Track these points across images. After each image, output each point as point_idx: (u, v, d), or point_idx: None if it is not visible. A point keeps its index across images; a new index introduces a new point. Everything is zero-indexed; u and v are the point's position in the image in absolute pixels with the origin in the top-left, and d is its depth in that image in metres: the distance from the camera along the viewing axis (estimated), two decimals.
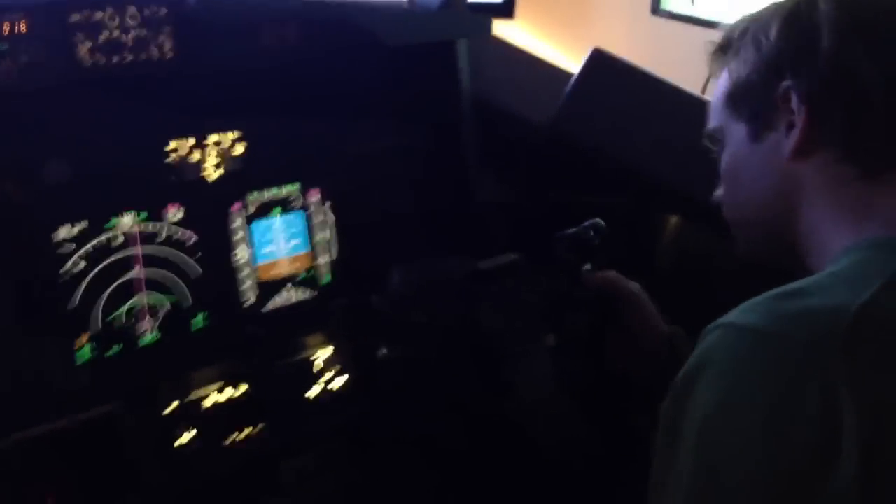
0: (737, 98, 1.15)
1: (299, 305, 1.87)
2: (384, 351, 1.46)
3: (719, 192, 1.24)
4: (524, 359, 1.44)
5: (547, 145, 1.81)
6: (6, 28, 1.35)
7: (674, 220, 1.90)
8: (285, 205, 1.83)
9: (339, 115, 1.83)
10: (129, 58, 1.48)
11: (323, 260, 1.89)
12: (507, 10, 2.70)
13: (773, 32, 1.08)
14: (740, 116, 1.15)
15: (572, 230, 1.55)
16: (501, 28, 2.61)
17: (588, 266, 1.56)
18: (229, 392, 1.75)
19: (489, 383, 1.45)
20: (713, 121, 1.23)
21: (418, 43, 1.74)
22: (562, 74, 1.91)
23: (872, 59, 1.01)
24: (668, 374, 0.98)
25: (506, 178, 1.88)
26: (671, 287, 1.82)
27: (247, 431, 1.74)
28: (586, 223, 1.55)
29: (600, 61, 1.82)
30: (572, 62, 1.93)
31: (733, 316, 0.94)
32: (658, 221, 1.85)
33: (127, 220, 1.64)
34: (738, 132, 1.16)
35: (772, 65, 1.08)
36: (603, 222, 1.56)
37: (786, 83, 1.06)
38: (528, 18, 2.85)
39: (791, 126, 1.07)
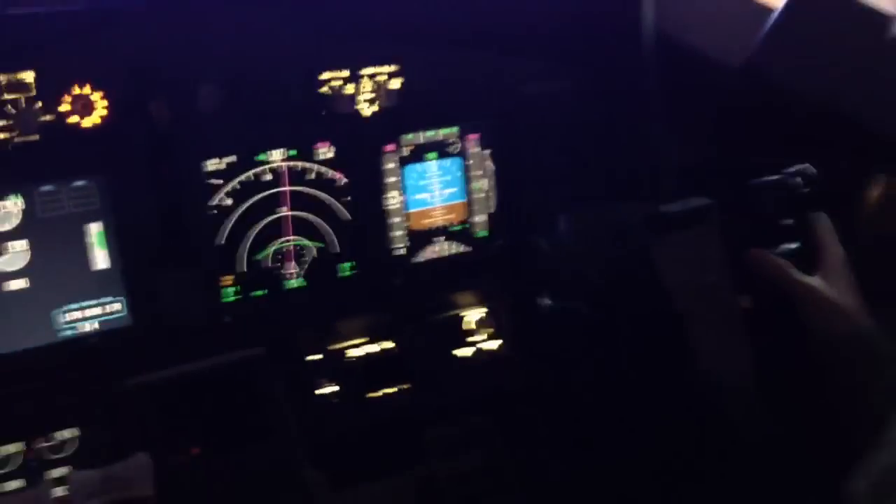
0: None
1: (452, 259, 1.75)
2: (547, 302, 1.29)
3: None
4: (712, 323, 1.22)
5: (741, 87, 1.58)
6: None
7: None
8: (442, 149, 1.70)
9: (504, 52, 1.69)
10: None
11: (480, 211, 1.75)
12: None
13: None
14: None
15: (774, 177, 1.32)
16: None
17: (790, 221, 1.32)
18: (373, 346, 1.66)
19: (669, 351, 1.24)
20: None
21: None
22: (758, 9, 1.68)
23: None
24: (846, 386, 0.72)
25: (692, 127, 1.67)
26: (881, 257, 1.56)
27: (390, 389, 1.65)
28: (791, 168, 1.32)
29: None
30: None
31: None
32: (872, 179, 1.58)
33: (276, 156, 1.56)
34: None
35: None
36: (813, 168, 1.32)
37: None
38: None
39: None
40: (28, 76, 1.36)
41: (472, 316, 1.73)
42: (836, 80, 1.52)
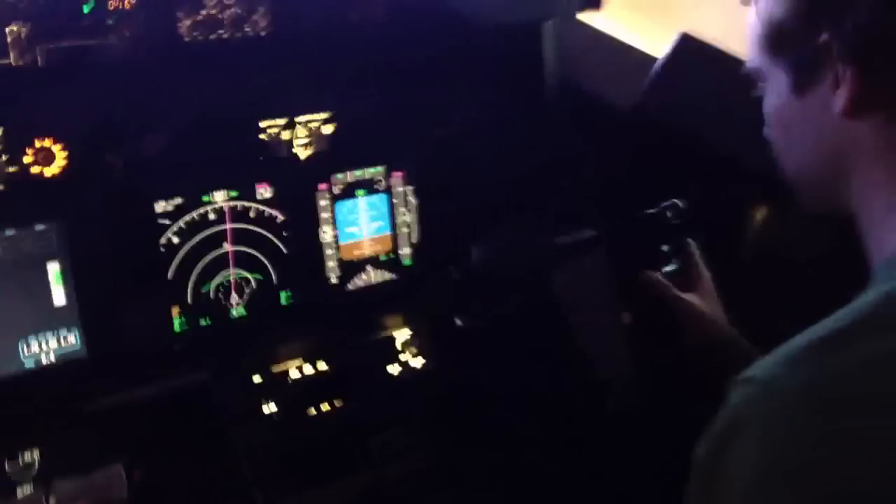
0: (773, 43, 0.99)
1: (381, 286, 1.91)
2: (459, 322, 1.48)
3: (768, 131, 1.11)
4: (598, 333, 1.44)
5: (631, 127, 1.81)
6: (113, 3, 1.43)
7: (762, 207, 1.88)
8: (370, 186, 1.87)
9: (426, 98, 1.86)
10: (227, 34, 1.55)
11: (404, 242, 1.92)
12: (594, 1, 2.72)
13: None
14: (779, 63, 1.00)
15: (651, 210, 1.55)
16: (589, 19, 2.62)
17: (666, 247, 1.55)
18: (312, 367, 1.80)
19: (564, 355, 1.45)
20: (752, 59, 1.06)
21: (504, 24, 1.76)
22: (648, 59, 1.91)
23: None
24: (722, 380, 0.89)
25: (590, 159, 1.88)
26: (752, 274, 1.80)
27: (329, 404, 1.79)
28: (665, 203, 1.55)
29: (688, 44, 1.82)
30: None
31: (771, 368, 0.83)
32: (745, 207, 1.82)
33: (219, 197, 1.70)
34: (779, 79, 1.01)
35: (808, 11, 0.93)
36: (682, 203, 1.55)
37: (825, 36, 0.90)
38: (616, 9, 2.83)
39: (836, 84, 0.91)
40: None
41: (400, 336, 1.89)
42: (709, 121, 1.76)
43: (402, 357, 1.87)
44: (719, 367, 1.34)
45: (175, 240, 1.67)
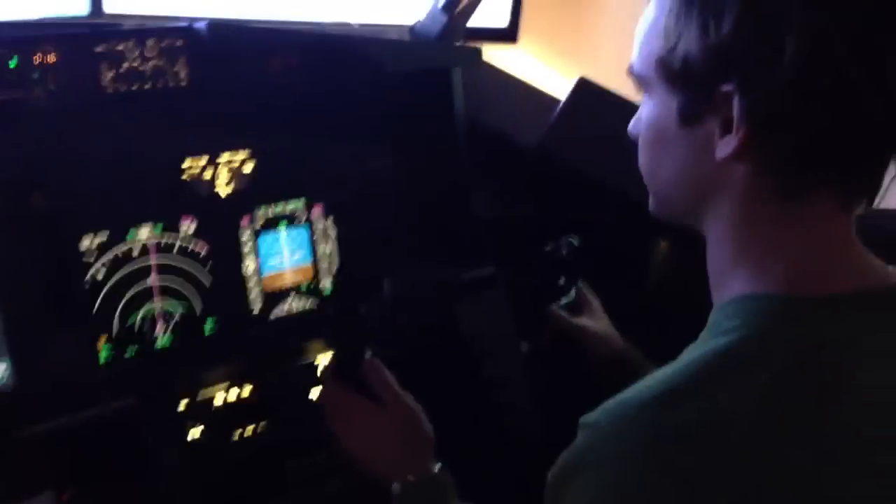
0: (672, 70, 0.97)
1: (302, 314, 2.01)
2: (369, 353, 1.59)
3: (633, 128, 1.13)
4: (497, 361, 1.57)
5: (533, 165, 1.95)
6: (37, 59, 1.51)
7: (657, 240, 2.04)
8: (290, 219, 1.98)
9: (341, 136, 1.98)
10: (148, 85, 1.64)
11: (325, 272, 2.03)
12: (511, 35, 2.86)
13: (727, 17, 0.89)
14: (670, 88, 0.99)
15: (548, 247, 1.70)
16: (505, 52, 2.77)
17: (562, 280, 1.70)
18: (236, 392, 1.88)
19: (466, 381, 1.58)
20: (639, 64, 1.04)
21: (414, 70, 1.88)
22: (551, 100, 2.06)
23: (844, 68, 0.86)
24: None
25: (496, 196, 2.02)
26: (651, 301, 1.96)
27: (252, 428, 1.88)
28: (560, 240, 1.70)
29: (585, 89, 1.97)
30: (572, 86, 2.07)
31: (609, 420, 0.92)
32: (637, 240, 1.98)
33: (144, 232, 1.79)
34: (665, 101, 1.01)
35: (718, 57, 0.92)
36: (576, 240, 1.70)
37: (728, 87, 0.92)
38: (532, 43, 2.98)
39: (726, 129, 0.94)
40: None
41: (322, 362, 1.99)
42: (604, 162, 1.91)
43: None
44: (619, 380, 1.49)
45: (100, 275, 1.75)
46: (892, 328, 0.96)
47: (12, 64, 1.50)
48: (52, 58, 1.53)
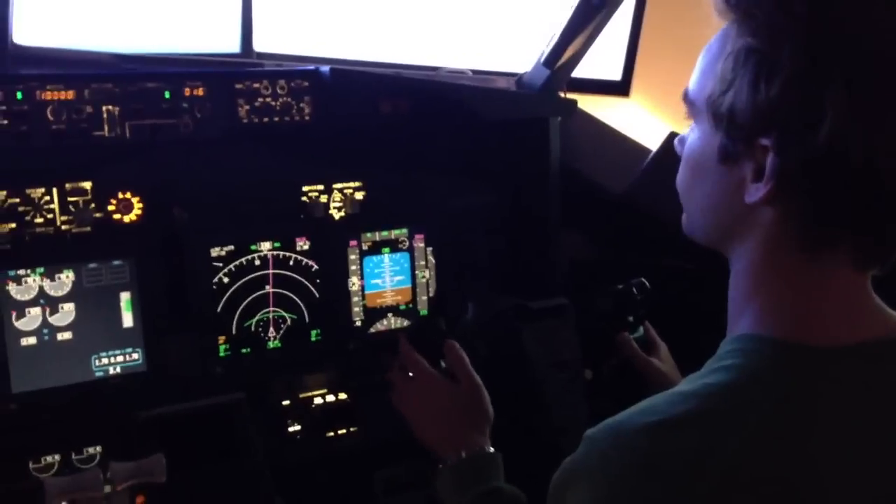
0: (717, 111, 1.03)
1: (399, 331, 2.20)
2: (444, 365, 1.75)
3: (678, 146, 1.18)
4: (558, 385, 1.71)
5: (618, 211, 2.09)
6: (187, 91, 1.80)
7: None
8: (394, 245, 2.19)
9: (444, 173, 2.18)
10: (277, 119, 1.90)
11: (421, 295, 2.23)
12: (623, 88, 2.98)
13: (777, 80, 0.95)
14: (715, 127, 1.04)
15: (620, 285, 1.83)
16: (617, 104, 2.90)
17: (631, 318, 1.83)
18: (333, 397, 2.10)
19: (528, 401, 1.72)
20: (693, 95, 1.10)
21: (514, 119, 2.07)
22: (643, 151, 2.19)
23: (874, 155, 0.93)
24: None
25: (580, 236, 2.17)
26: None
27: (345, 431, 2.08)
28: (633, 280, 1.82)
29: (674, 144, 2.09)
30: None
31: (607, 437, 0.98)
32: (711, 293, 2.06)
33: (265, 246, 2.04)
34: (708, 137, 1.06)
35: (762, 113, 0.97)
36: (647, 282, 1.82)
37: (766, 142, 0.98)
38: (644, 96, 3.08)
39: (758, 176, 1.00)
40: (87, 185, 1.86)
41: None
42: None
43: None
44: None
45: (225, 280, 2.00)
46: (892, 379, 0.99)
47: (167, 95, 1.80)
48: (199, 91, 1.81)
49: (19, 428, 1.76)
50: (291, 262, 2.07)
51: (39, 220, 1.83)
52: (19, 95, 1.71)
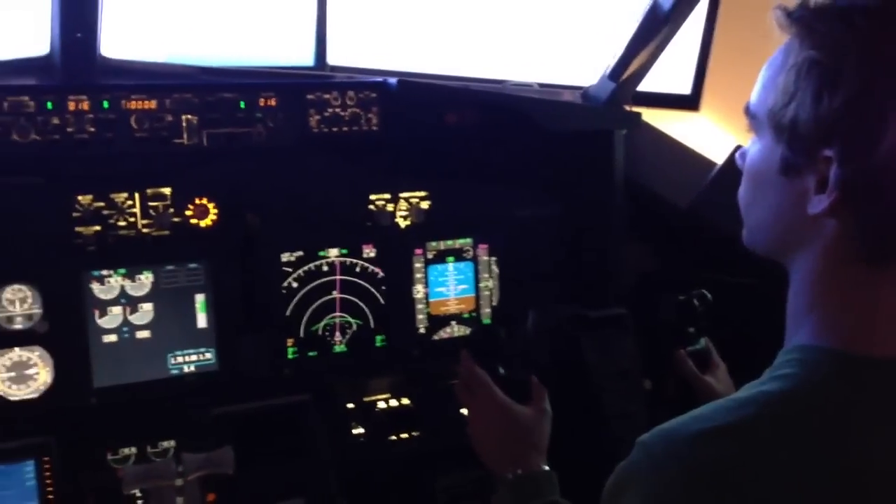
0: (779, 123, 1.03)
1: (462, 339, 2.23)
2: (502, 371, 1.77)
3: (739, 160, 1.18)
4: (618, 394, 1.72)
5: (684, 226, 2.09)
6: (261, 102, 1.89)
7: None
8: (458, 254, 2.23)
9: (508, 185, 2.22)
10: (346, 129, 1.97)
11: (485, 303, 2.26)
12: (693, 102, 2.97)
13: (840, 93, 0.96)
14: (777, 139, 1.05)
15: (682, 296, 1.83)
16: (688, 119, 2.88)
17: (692, 329, 1.82)
18: (396, 401, 2.14)
19: (587, 410, 1.73)
20: (754, 107, 1.10)
21: (579, 130, 2.10)
22: (707, 164, 2.19)
23: None
24: None
25: (643, 248, 2.17)
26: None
27: (407, 436, 2.12)
28: (695, 292, 1.82)
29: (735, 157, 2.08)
30: None
31: (661, 443, 0.99)
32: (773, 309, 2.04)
33: (333, 253, 2.10)
34: (770, 149, 1.07)
35: (825, 125, 0.98)
36: (709, 294, 1.81)
37: (829, 153, 0.98)
38: (714, 110, 3.06)
39: (821, 188, 1.00)
40: (167, 190, 1.96)
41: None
42: None
43: None
44: None
45: (294, 285, 2.07)
46: None
47: (242, 105, 1.89)
48: (272, 102, 1.90)
49: (99, 421, 1.86)
50: (358, 269, 2.13)
51: (122, 223, 1.93)
52: (106, 104, 1.81)
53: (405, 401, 2.14)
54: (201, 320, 1.98)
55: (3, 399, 1.79)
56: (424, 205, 2.20)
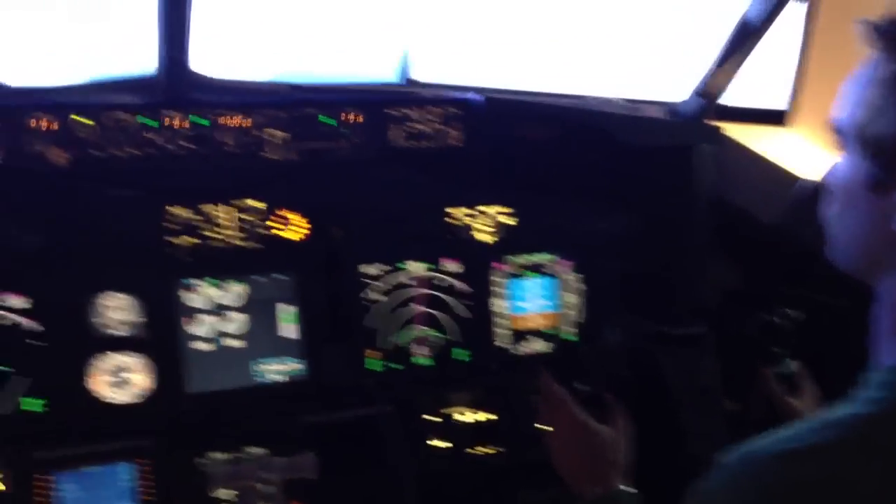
0: (865, 139, 1.03)
1: (544, 354, 2.23)
2: (582, 388, 1.76)
3: (826, 177, 1.17)
4: (697, 413, 1.67)
5: (770, 242, 2.03)
6: (346, 118, 1.95)
7: None
8: (540, 269, 2.23)
9: (591, 199, 2.21)
10: (429, 144, 2.02)
11: (567, 320, 2.25)
12: (787, 119, 2.89)
13: None
14: (863, 156, 1.04)
15: (767, 315, 1.78)
16: (781, 135, 2.81)
17: (778, 349, 1.77)
18: (478, 415, 2.14)
19: (666, 427, 1.70)
20: (840, 123, 1.09)
21: (661, 146, 2.08)
22: (795, 180, 2.13)
23: None
24: None
25: (728, 264, 2.12)
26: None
27: (488, 450, 2.12)
28: (780, 310, 1.77)
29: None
30: None
31: (741, 463, 0.98)
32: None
33: (414, 266, 2.13)
34: (857, 166, 1.06)
35: None
36: (795, 313, 1.76)
37: None
38: (810, 127, 2.97)
39: None
40: (258, 204, 2.03)
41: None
42: None
43: None
44: None
45: (376, 297, 2.11)
46: None
47: (328, 121, 1.96)
48: (358, 118, 1.96)
49: (191, 425, 1.93)
50: (439, 282, 2.15)
51: (215, 235, 2.01)
52: (201, 120, 1.91)
53: (487, 415, 2.14)
54: (289, 330, 2.03)
55: (103, 402, 1.88)
56: (506, 219, 2.21)
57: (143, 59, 1.98)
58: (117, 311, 1.90)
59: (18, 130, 1.83)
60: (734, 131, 2.23)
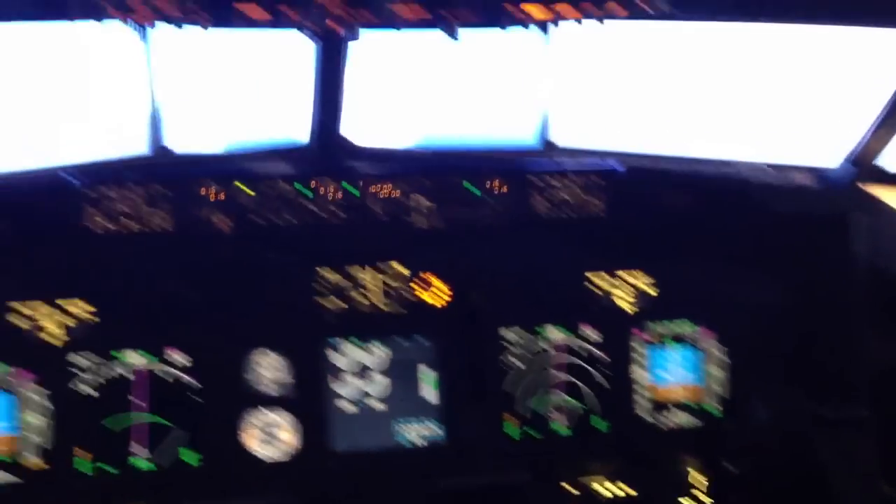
0: None
1: (688, 429, 2.17)
2: (725, 464, 1.69)
3: None
4: (854, 499, 1.57)
5: None
6: (489, 185, 2.01)
7: None
8: (682, 339, 2.18)
9: (735, 268, 2.15)
10: (571, 212, 2.04)
11: (712, 394, 2.18)
12: None
13: None
14: None
15: None
16: None
17: None
18: (618, 488, 2.11)
19: None
20: None
21: (809, 213, 2.01)
22: None
23: None
24: None
25: (891, 340, 2.01)
26: None
27: None
28: None
29: None
30: None
31: None
32: None
33: (552, 332, 2.13)
34: None
35: None
36: None
37: None
38: None
39: None
40: (405, 270, 2.09)
41: (696, 477, 2.12)
42: None
43: (695, 492, 2.11)
44: None
45: (514, 361, 2.11)
46: None
47: (472, 189, 2.02)
48: (502, 187, 2.01)
49: (335, 482, 1.98)
50: (577, 348, 2.14)
51: (362, 298, 2.08)
52: (352, 189, 2.01)
53: (628, 489, 2.10)
54: (429, 393, 2.07)
55: (254, 458, 1.96)
56: (646, 287, 2.19)
57: (292, 126, 2.11)
58: (269, 368, 1.98)
59: (188, 198, 1.97)
60: (888, 196, 2.14)
